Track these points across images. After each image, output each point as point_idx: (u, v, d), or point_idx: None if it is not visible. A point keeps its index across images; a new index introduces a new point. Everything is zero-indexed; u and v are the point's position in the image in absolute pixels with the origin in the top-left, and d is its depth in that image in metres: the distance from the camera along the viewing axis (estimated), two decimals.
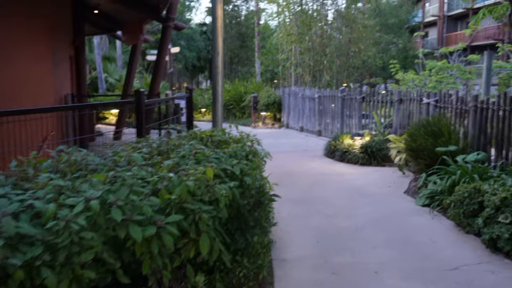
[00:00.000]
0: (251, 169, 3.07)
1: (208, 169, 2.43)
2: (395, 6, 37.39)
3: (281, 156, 10.59)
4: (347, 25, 16.44)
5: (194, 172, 2.36)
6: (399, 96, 9.96)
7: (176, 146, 3.15)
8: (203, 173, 2.42)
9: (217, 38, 7.49)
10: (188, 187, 2.15)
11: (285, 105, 16.77)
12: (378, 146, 9.30)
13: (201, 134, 3.83)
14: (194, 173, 2.35)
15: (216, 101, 7.63)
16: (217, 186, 2.51)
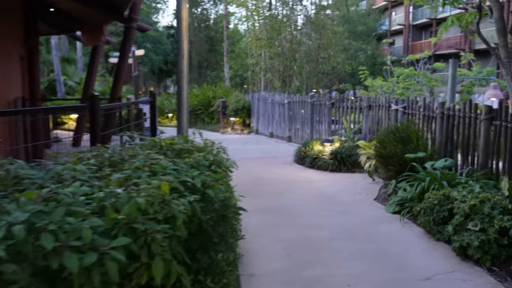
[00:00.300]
0: (214, 181, 2.83)
1: (163, 182, 2.18)
2: (363, 14, 38.02)
3: (250, 162, 10.39)
4: (317, 31, 16.45)
5: (147, 186, 2.11)
6: (368, 102, 9.94)
7: (130, 156, 2.88)
8: (157, 187, 2.17)
9: (182, 40, 7.22)
10: (138, 205, 1.90)
11: (254, 110, 16.60)
12: (348, 152, 9.23)
13: (160, 142, 3.56)
14: (147, 187, 2.10)
15: (181, 106, 7.35)
16: (174, 201, 2.27)
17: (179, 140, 3.76)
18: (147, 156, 2.81)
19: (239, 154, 11.77)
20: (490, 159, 6.07)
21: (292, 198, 6.96)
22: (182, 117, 7.39)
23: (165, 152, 3.38)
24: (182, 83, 7.33)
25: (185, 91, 7.38)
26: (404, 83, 11.07)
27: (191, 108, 21.11)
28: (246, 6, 16.63)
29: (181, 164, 2.85)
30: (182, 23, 7.24)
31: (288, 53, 15.67)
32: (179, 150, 3.51)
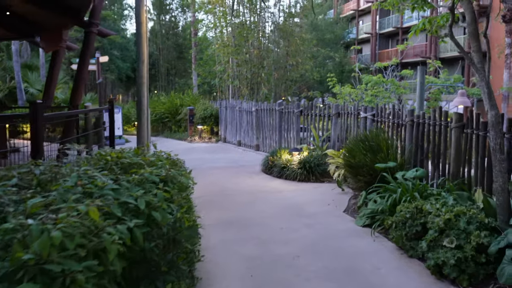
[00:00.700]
0: (162, 201, 2.46)
1: (91, 208, 1.80)
2: (330, 23, 38.35)
3: (217, 172, 10.01)
4: (285, 37, 16.27)
5: (70, 214, 1.73)
6: (336, 110, 9.75)
7: (64, 174, 2.47)
8: (84, 213, 1.79)
9: (142, 45, 6.82)
10: (53, 239, 1.52)
11: (222, 118, 16.23)
12: (317, 162, 8.99)
13: (106, 156, 3.15)
14: (69, 215, 1.72)
15: (141, 114, 6.93)
16: (108, 229, 1.88)
17: (128, 153, 3.35)
18: (84, 173, 2.41)
19: (206, 164, 11.39)
20: (461, 169, 5.92)
21: (258, 210, 6.62)
22: (142, 126, 6.97)
23: (110, 167, 2.98)
24: (142, 90, 6.92)
25: (145, 98, 6.96)
26: (372, 90, 10.97)
27: (158, 116, 20.56)
28: (214, 13, 16.30)
29: (124, 182, 2.46)
30: (141, 27, 6.85)
31: (256, 60, 15.40)
32: (128, 164, 3.11)
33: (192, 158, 12.37)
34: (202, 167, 10.67)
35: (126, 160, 3.11)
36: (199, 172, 10.09)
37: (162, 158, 6.56)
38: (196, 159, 12.05)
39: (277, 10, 16.24)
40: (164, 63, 35.51)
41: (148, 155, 3.89)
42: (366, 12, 42.52)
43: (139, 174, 2.83)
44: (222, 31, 16.16)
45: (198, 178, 9.41)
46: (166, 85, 34.89)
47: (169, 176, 3.14)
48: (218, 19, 16.00)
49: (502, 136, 4.07)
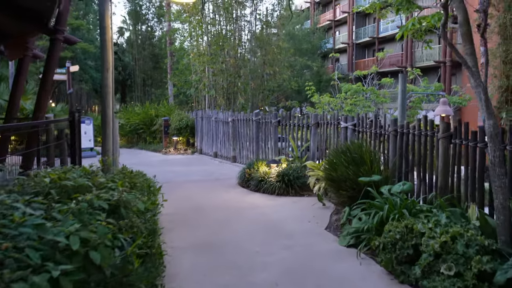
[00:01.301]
0: (104, 237, 1.94)
1: None
2: (307, 33, 38.35)
3: (191, 186, 9.47)
4: (261, 46, 15.89)
5: None
6: (315, 119, 9.35)
7: None
8: None
9: (107, 51, 6.28)
10: None
11: (198, 129, 15.69)
12: (296, 174, 8.55)
13: (44, 178, 2.62)
14: None
15: (106, 126, 6.35)
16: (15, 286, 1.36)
17: (74, 173, 2.81)
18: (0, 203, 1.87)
19: (180, 177, 10.82)
20: (450, 181, 5.55)
21: (233, 229, 6.11)
22: (107, 139, 6.39)
23: (48, 192, 2.44)
24: (107, 100, 6.36)
25: (110, 109, 6.39)
26: (352, 99, 10.64)
27: (132, 127, 19.89)
28: (189, 21, 15.81)
29: (54, 213, 1.94)
30: (106, 32, 6.31)
31: (232, 70, 14.95)
32: (71, 188, 2.58)
33: (165, 170, 11.79)
34: (175, 181, 10.10)
35: (69, 182, 2.58)
36: (172, 186, 9.53)
37: (127, 173, 6.03)
38: (169, 172, 11.47)
39: (253, 18, 15.85)
40: (140, 74, 34.78)
41: (108, 174, 3.34)
42: (343, 22, 42.80)
43: (85, 199, 2.31)
44: (197, 40, 15.69)
45: (171, 192, 8.86)
46: (142, 95, 34.13)
47: (122, 201, 2.62)
48: (193, 27, 15.52)
49: (503, 148, 3.70)
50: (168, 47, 22.88)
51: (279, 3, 15.96)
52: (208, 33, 15.80)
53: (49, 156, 6.90)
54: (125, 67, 36.93)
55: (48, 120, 7.01)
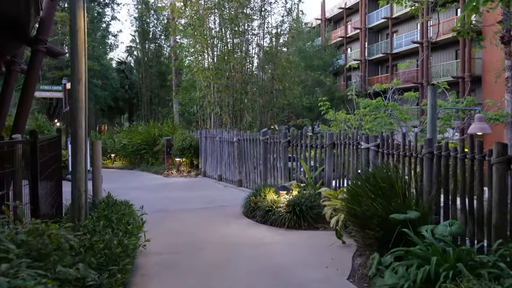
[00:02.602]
0: None
1: None
2: (318, 49, 37.41)
3: (188, 216, 8.27)
4: (270, 60, 14.83)
5: None
6: (331, 139, 8.15)
7: None
8: None
9: (78, 59, 5.20)
10: None
11: (202, 150, 14.56)
12: (309, 203, 7.32)
13: None
14: None
15: (78, 150, 5.23)
16: None
17: None
18: None
19: (177, 204, 9.64)
20: (509, 218, 4.30)
21: (231, 276, 4.88)
22: (77, 166, 5.25)
23: None
24: (79, 117, 5.25)
25: (82, 129, 5.27)
26: (371, 116, 9.45)
27: (134, 147, 18.84)
28: (194, 35, 14.85)
29: None
30: (78, 36, 5.23)
31: (238, 85, 13.89)
32: None
33: (163, 197, 10.63)
34: (172, 209, 8.93)
35: None
36: (167, 216, 8.34)
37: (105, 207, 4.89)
38: (167, 199, 10.31)
39: (261, 31, 14.82)
40: (146, 92, 34.03)
41: None
42: (354, 39, 41.85)
43: None
44: (202, 53, 14.64)
45: (164, 224, 7.64)
46: (149, 114, 33.32)
47: None
48: (197, 40, 14.52)
49: None
50: (172, 63, 22.01)
51: (288, 14, 14.95)
52: (213, 47, 14.82)
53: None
54: (132, 85, 36.26)
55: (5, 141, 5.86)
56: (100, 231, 4.62)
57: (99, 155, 6.79)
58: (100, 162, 6.79)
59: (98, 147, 6.79)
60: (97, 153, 6.77)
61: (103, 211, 5.50)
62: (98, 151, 6.78)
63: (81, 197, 5.18)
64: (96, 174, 6.76)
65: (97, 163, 6.75)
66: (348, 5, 42.17)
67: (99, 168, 6.77)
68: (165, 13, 28.41)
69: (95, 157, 6.75)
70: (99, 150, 6.80)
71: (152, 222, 7.61)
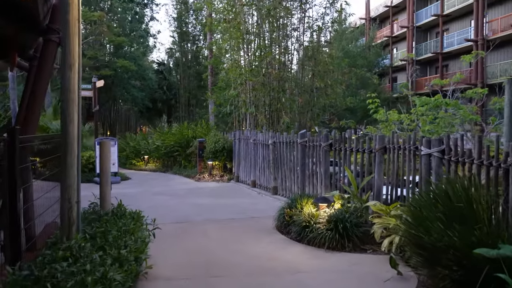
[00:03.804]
0: None
1: None
2: (363, 49, 35.66)
3: (212, 229, 7.20)
4: (311, 56, 13.57)
5: None
6: (382, 142, 6.85)
7: None
8: None
9: (70, 39, 4.21)
10: None
11: (235, 152, 13.52)
12: (354, 219, 6.08)
13: None
14: None
15: (68, 152, 4.24)
16: None
17: None
18: None
19: (204, 214, 8.60)
20: None
21: None
22: (67, 171, 4.26)
23: None
24: (70, 111, 4.25)
25: (75, 125, 4.29)
26: (429, 115, 8.05)
27: (167, 149, 18.08)
28: (228, 30, 13.86)
29: None
30: (70, 11, 4.28)
31: (275, 83, 12.73)
32: None
33: (189, 204, 9.65)
34: (196, 220, 7.89)
35: None
36: (188, 228, 7.30)
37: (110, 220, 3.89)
38: (193, 206, 9.31)
39: (302, 25, 13.59)
40: (184, 93, 33.53)
41: None
42: (401, 38, 39.75)
43: None
44: (237, 48, 13.54)
45: (183, 239, 6.55)
46: (186, 115, 32.78)
47: None
48: (232, 35, 13.47)
49: None
50: (207, 61, 21.14)
51: (331, 5, 13.64)
52: (249, 43, 13.74)
53: None
54: (170, 86, 35.88)
55: None
56: (87, 255, 3.61)
57: (108, 157, 5.83)
58: (109, 166, 5.83)
59: (107, 148, 5.83)
60: (106, 155, 5.81)
61: (100, 227, 4.50)
62: (107, 153, 5.82)
63: (71, 210, 4.19)
64: (104, 180, 5.81)
65: (105, 166, 5.79)
66: (394, 3, 40.15)
67: (107, 173, 5.81)
68: (204, 12, 27.69)
69: (104, 160, 5.80)
70: (108, 151, 5.85)
71: (169, 236, 6.61)
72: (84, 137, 15.96)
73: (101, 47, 27.93)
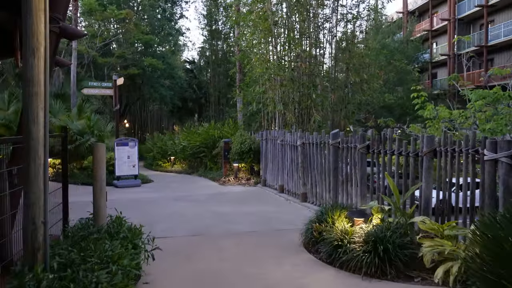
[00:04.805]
0: None
1: None
2: (401, 43, 33.81)
3: (230, 245, 6.21)
4: (345, 48, 12.37)
5: None
6: (431, 144, 5.67)
7: None
8: None
9: (33, 15, 3.32)
10: None
11: (262, 154, 12.51)
12: (398, 240, 4.95)
13: None
14: None
15: (31, 156, 3.35)
16: None
17: None
18: None
19: (222, 225, 7.61)
20: None
21: None
22: (31, 181, 3.37)
23: None
24: (34, 106, 3.35)
25: (40, 125, 3.38)
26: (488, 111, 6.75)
27: (193, 150, 17.27)
28: (254, 21, 12.83)
29: None
30: None
31: (305, 78, 11.61)
32: None
33: (208, 212, 8.71)
34: (212, 233, 6.93)
35: None
36: (201, 243, 6.31)
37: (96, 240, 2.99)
38: (212, 215, 8.36)
39: (334, 14, 12.38)
40: (214, 92, 32.84)
41: None
42: (441, 32, 37.57)
43: None
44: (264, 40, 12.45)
45: (191, 259, 5.44)
46: (216, 115, 32.09)
47: None
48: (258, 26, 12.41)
49: None
50: (235, 57, 20.21)
51: None
52: (278, 36, 12.67)
53: None
54: (200, 85, 35.27)
55: None
56: None
57: (102, 163, 4.95)
58: (104, 172, 4.94)
59: (101, 153, 4.94)
60: (100, 161, 4.93)
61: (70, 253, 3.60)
62: (101, 158, 4.94)
63: (36, 232, 3.31)
64: (97, 190, 4.92)
65: (99, 174, 4.91)
66: None
67: (101, 181, 4.93)
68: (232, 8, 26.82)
69: (97, 166, 4.92)
70: (102, 156, 4.96)
71: (177, 253, 5.68)
72: (106, 138, 15.33)
73: (129, 46, 27.52)
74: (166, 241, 6.26)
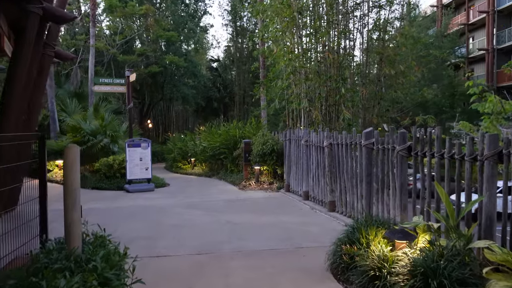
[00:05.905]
0: None
1: None
2: (436, 37, 31.93)
3: (242, 266, 5.11)
4: (377, 37, 11.06)
5: None
6: (493, 147, 4.40)
7: None
8: None
9: None
10: None
11: (286, 156, 11.36)
12: (456, 272, 3.75)
13: None
14: None
15: None
16: None
17: None
18: None
19: (235, 240, 6.48)
20: None
21: None
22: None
23: None
24: None
25: None
26: None
27: (213, 151, 16.25)
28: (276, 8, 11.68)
29: None
30: None
31: (333, 71, 10.37)
32: None
33: (222, 222, 7.65)
34: (222, 250, 5.84)
35: None
36: (208, 264, 5.20)
37: None
38: (227, 227, 7.29)
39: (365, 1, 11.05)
40: (239, 91, 31.88)
41: None
42: (479, 25, 35.38)
43: None
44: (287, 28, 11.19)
45: None
46: (241, 114, 31.13)
47: None
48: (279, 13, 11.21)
49: None
50: (257, 50, 19.12)
51: None
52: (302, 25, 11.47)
53: None
54: (225, 84, 34.35)
55: None
56: None
57: (73, 168, 3.93)
58: (76, 179, 3.93)
59: (72, 157, 3.92)
60: (71, 164, 3.92)
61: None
62: (73, 163, 3.92)
63: None
64: (69, 200, 3.91)
65: (70, 182, 3.90)
66: None
67: (74, 190, 3.91)
68: None
69: (68, 172, 3.91)
70: (74, 161, 3.94)
71: (173, 279, 4.63)
72: (120, 138, 14.51)
73: (151, 43, 26.82)
74: (166, 262, 5.24)
